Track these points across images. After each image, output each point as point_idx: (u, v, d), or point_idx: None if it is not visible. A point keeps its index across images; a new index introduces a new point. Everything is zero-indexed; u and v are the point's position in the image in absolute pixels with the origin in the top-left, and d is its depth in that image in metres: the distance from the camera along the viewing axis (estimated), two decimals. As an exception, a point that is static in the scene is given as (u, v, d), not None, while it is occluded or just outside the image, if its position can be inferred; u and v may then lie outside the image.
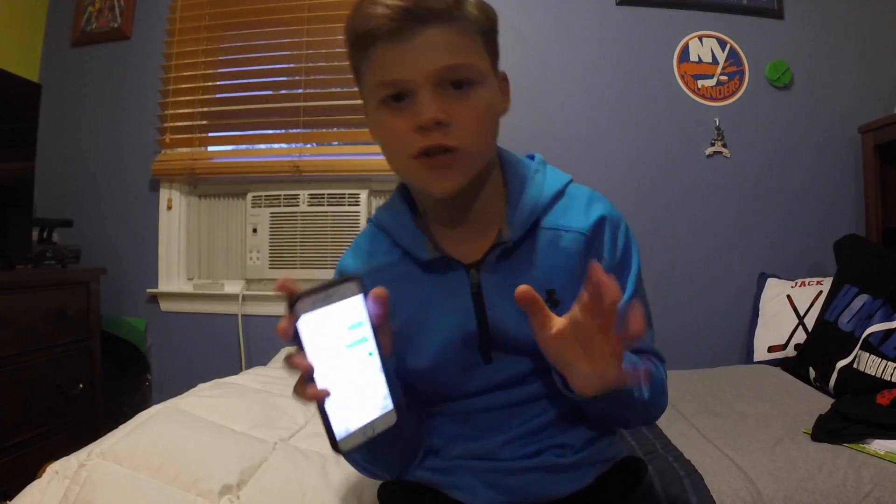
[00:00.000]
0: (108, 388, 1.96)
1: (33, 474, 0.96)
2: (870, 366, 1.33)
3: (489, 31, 0.63)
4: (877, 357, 1.33)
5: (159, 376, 2.19)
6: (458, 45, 0.59)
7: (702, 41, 2.07)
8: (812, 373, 1.54)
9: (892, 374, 1.27)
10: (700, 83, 2.06)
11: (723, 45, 2.06)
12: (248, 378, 1.50)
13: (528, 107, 2.02)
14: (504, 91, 0.68)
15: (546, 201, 0.69)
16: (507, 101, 0.69)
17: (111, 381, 2.02)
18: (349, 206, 2.07)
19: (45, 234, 1.95)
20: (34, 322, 1.66)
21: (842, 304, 1.54)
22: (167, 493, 0.89)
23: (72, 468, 0.94)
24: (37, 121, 1.80)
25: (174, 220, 2.23)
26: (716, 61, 2.06)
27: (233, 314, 2.15)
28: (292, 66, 2.17)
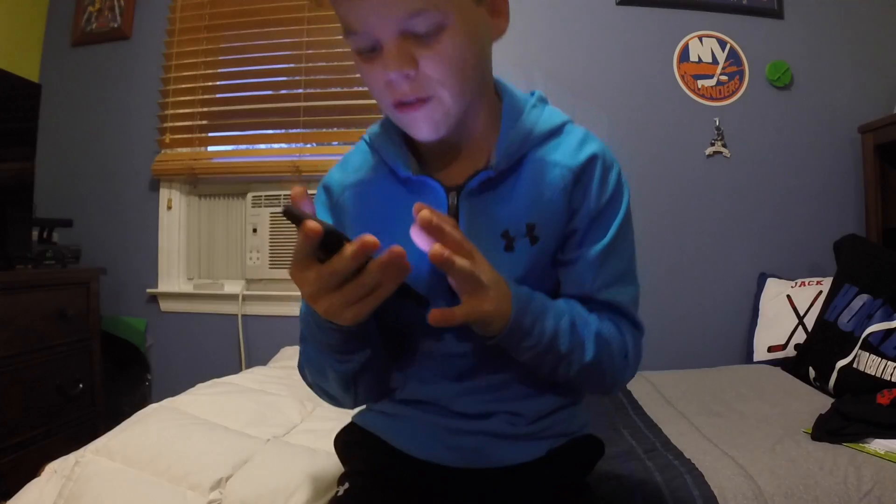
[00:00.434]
0: (108, 389, 1.96)
1: (33, 474, 0.96)
2: (870, 365, 1.33)
3: None
4: (877, 357, 1.33)
5: (159, 376, 2.19)
6: None
7: (702, 41, 2.07)
8: (812, 372, 1.54)
9: (892, 374, 1.27)
10: (700, 83, 2.06)
11: (723, 45, 2.06)
12: (247, 378, 1.50)
13: (527, 107, 2.02)
14: (495, 11, 0.64)
15: (539, 135, 0.67)
16: (502, 21, 0.65)
17: (111, 381, 2.02)
18: (349, 206, 2.07)
19: (45, 234, 1.95)
20: (34, 322, 1.66)
21: (842, 304, 1.54)
22: (158, 487, 0.89)
23: (69, 467, 0.94)
24: (37, 121, 1.80)
25: (174, 220, 2.23)
26: (716, 61, 2.06)
27: (233, 314, 2.15)
28: (292, 66, 2.17)
